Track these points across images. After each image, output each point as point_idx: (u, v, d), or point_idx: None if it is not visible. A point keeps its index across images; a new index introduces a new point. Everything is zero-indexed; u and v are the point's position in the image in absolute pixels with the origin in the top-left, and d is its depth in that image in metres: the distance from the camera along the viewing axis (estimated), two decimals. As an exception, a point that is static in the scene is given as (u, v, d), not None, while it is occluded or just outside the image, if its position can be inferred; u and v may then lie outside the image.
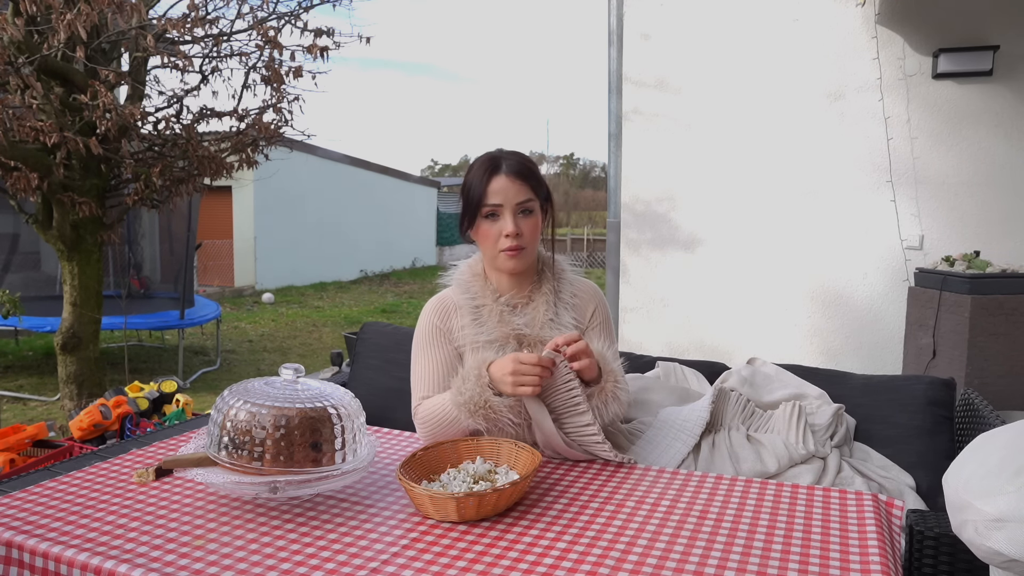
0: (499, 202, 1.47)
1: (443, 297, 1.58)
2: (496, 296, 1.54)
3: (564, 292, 1.58)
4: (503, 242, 1.47)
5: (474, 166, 1.51)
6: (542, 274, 1.59)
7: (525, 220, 1.49)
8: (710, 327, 4.03)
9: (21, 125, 3.69)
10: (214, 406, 1.24)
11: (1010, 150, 3.50)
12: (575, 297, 1.59)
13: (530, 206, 1.49)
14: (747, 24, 3.84)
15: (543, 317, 1.53)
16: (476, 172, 1.50)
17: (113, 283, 6.76)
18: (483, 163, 1.50)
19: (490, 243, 1.50)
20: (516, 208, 1.47)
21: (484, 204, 1.47)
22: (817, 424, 1.76)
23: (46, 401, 5.08)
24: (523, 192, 1.48)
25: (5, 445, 2.59)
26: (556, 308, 1.55)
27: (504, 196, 1.47)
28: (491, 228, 1.49)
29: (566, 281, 1.60)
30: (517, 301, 1.56)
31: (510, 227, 1.46)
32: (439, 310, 1.56)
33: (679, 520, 1.18)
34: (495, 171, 1.48)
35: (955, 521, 1.04)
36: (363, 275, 15.66)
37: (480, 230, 1.51)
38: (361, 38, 4.46)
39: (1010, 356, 2.94)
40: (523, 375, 1.32)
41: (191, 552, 1.07)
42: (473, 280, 1.57)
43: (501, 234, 1.47)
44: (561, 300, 1.56)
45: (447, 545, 1.10)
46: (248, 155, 4.66)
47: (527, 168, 1.50)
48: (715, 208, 3.97)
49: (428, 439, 1.48)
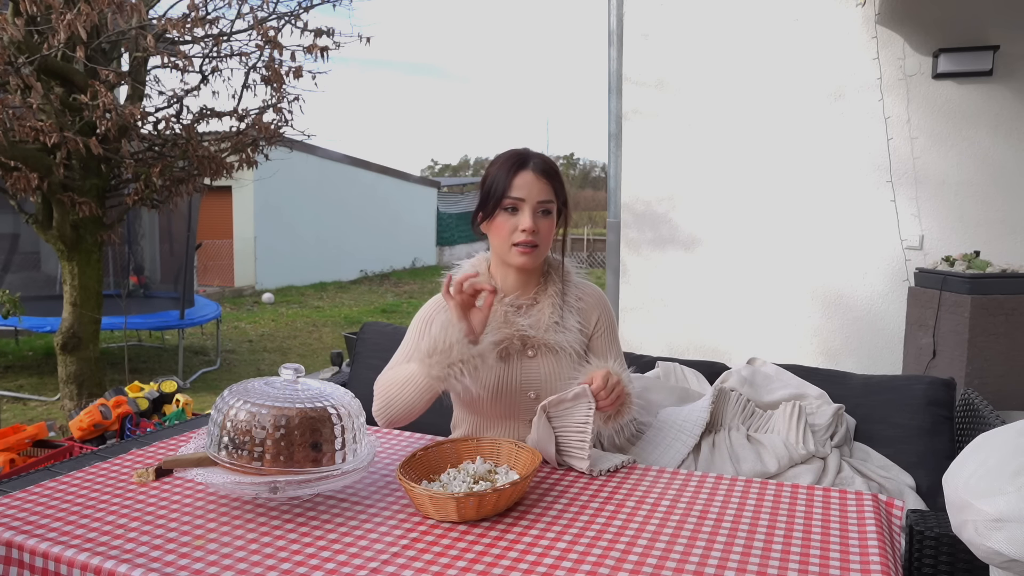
0: (522, 196, 1.46)
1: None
2: (501, 296, 1.53)
3: (570, 296, 1.57)
4: (518, 236, 1.47)
5: (499, 160, 1.51)
6: (548, 276, 1.58)
7: (543, 220, 1.49)
8: (710, 327, 4.03)
9: (21, 125, 3.69)
10: (214, 406, 1.24)
11: (1010, 150, 3.50)
12: (580, 301, 1.59)
13: (550, 207, 1.50)
14: (747, 24, 3.84)
15: (548, 320, 1.52)
16: (502, 165, 1.49)
17: (113, 283, 6.76)
18: (510, 157, 1.50)
19: (504, 236, 1.49)
20: (537, 206, 1.47)
21: (507, 196, 1.46)
22: (817, 424, 1.76)
23: (46, 401, 5.08)
24: (546, 191, 1.48)
25: (5, 445, 2.59)
26: (562, 311, 1.54)
27: (528, 191, 1.47)
28: (507, 221, 1.48)
29: (572, 285, 1.59)
30: (522, 302, 1.55)
31: (528, 222, 1.46)
32: (441, 306, 1.55)
33: (679, 520, 1.18)
34: (522, 166, 1.48)
35: (955, 521, 1.04)
36: (363, 275, 15.66)
37: (495, 222, 1.50)
38: (361, 38, 4.46)
39: (1010, 356, 2.94)
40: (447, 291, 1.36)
41: (191, 552, 1.07)
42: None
43: (517, 228, 1.47)
44: (567, 304, 1.56)
45: (447, 545, 1.10)
46: (248, 155, 4.66)
47: (553, 169, 1.51)
48: (715, 208, 3.97)
49: (381, 404, 1.46)
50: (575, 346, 1.53)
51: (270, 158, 5.10)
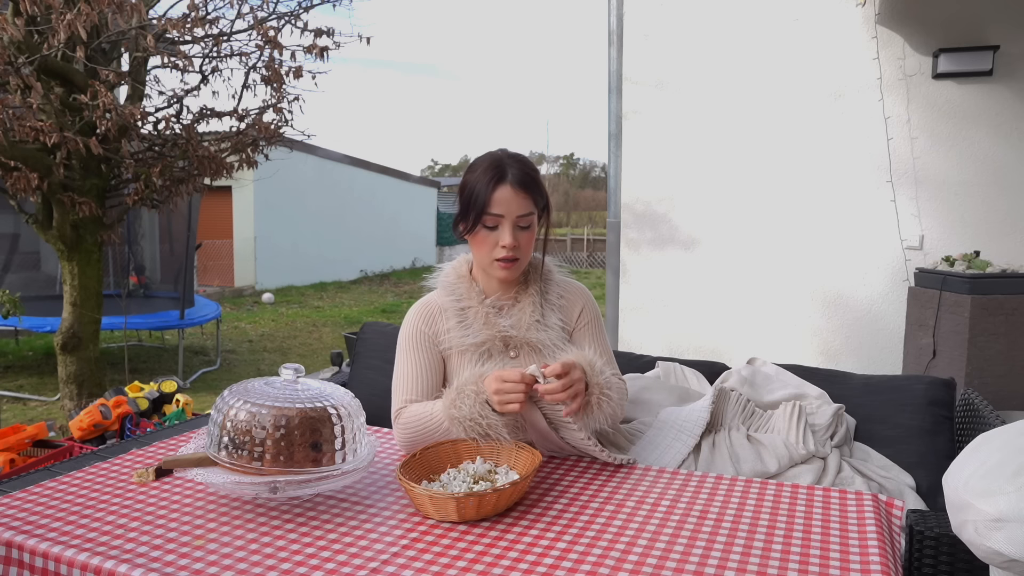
0: (501, 213, 1.45)
1: (428, 301, 1.57)
2: (482, 298, 1.53)
3: (551, 293, 1.57)
4: (498, 251, 1.46)
5: (477, 168, 1.48)
6: (528, 276, 1.58)
7: (523, 233, 1.48)
8: (710, 327, 4.03)
9: (21, 125, 3.69)
10: (214, 406, 1.24)
11: (1010, 150, 3.50)
12: (562, 298, 1.58)
13: (529, 220, 1.48)
14: (747, 24, 3.84)
15: (529, 318, 1.52)
16: (480, 176, 1.47)
17: (113, 283, 6.76)
18: (487, 168, 1.47)
19: (486, 251, 1.48)
20: (516, 221, 1.46)
21: (486, 213, 1.45)
22: (817, 424, 1.76)
23: (46, 401, 5.08)
24: (525, 205, 1.46)
25: (5, 445, 2.59)
26: (543, 309, 1.54)
27: (507, 208, 1.45)
28: (488, 237, 1.47)
29: (553, 283, 1.59)
30: (503, 303, 1.55)
31: (508, 239, 1.45)
32: (424, 314, 1.55)
33: (679, 520, 1.18)
34: (500, 180, 1.45)
35: (955, 521, 1.04)
36: (363, 275, 15.66)
37: (478, 236, 1.49)
38: (361, 38, 4.46)
39: (1010, 356, 2.94)
40: (507, 393, 1.30)
41: (191, 552, 1.07)
42: (458, 282, 1.56)
43: (498, 244, 1.46)
44: (548, 301, 1.55)
45: (447, 545, 1.10)
46: (248, 155, 4.66)
47: (531, 178, 1.48)
48: (715, 208, 3.97)
49: (406, 444, 1.46)
50: (557, 343, 1.52)
51: (270, 158, 5.10)
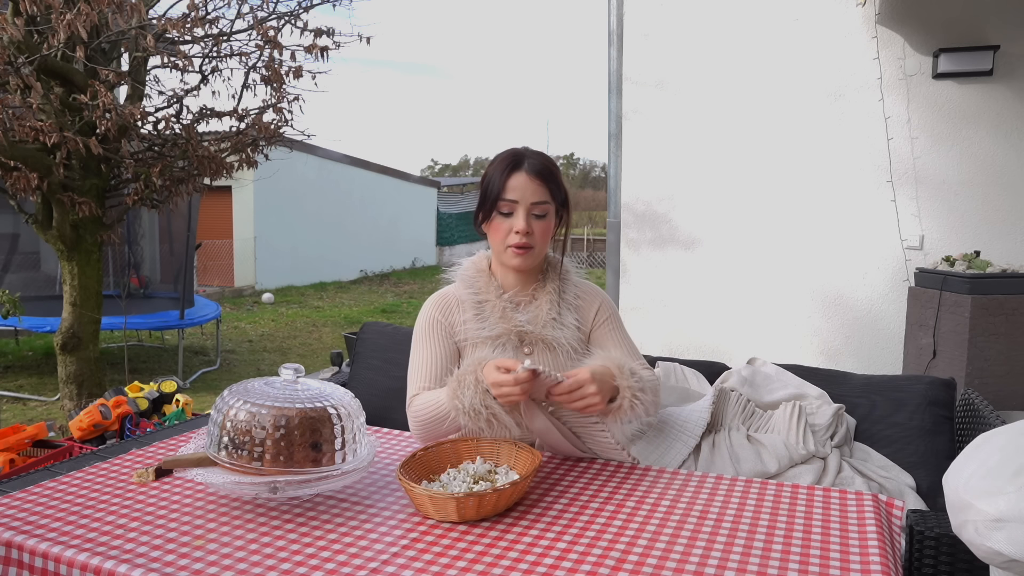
0: (515, 198, 1.48)
1: (445, 293, 1.59)
2: (500, 292, 1.55)
3: (568, 293, 1.58)
4: (512, 238, 1.48)
5: (496, 160, 1.52)
6: (546, 274, 1.60)
7: (537, 221, 1.50)
8: (710, 327, 4.02)
9: (21, 125, 3.69)
10: (214, 406, 1.24)
11: (1010, 150, 3.50)
12: (578, 299, 1.59)
13: (545, 208, 1.50)
14: (747, 24, 3.84)
15: (546, 316, 1.53)
16: (497, 166, 1.50)
17: (113, 283, 6.76)
18: (505, 158, 1.51)
19: (500, 238, 1.51)
20: (530, 208, 1.48)
21: (501, 199, 1.48)
22: (817, 424, 1.76)
23: (46, 401, 5.08)
24: (540, 193, 1.49)
25: (5, 445, 2.59)
26: (559, 308, 1.55)
27: (521, 193, 1.48)
28: (503, 223, 1.50)
29: (570, 283, 1.60)
30: (520, 299, 1.56)
31: (521, 224, 1.47)
32: (440, 304, 1.57)
33: (679, 520, 1.18)
34: (516, 167, 1.49)
35: (955, 521, 1.04)
36: (363, 275, 15.65)
37: (493, 224, 1.51)
38: (361, 38, 4.46)
39: (1010, 356, 2.94)
40: (502, 386, 1.28)
41: (191, 552, 1.07)
42: (477, 276, 1.58)
43: (512, 230, 1.48)
44: (564, 301, 1.57)
45: (447, 545, 1.10)
46: (248, 155, 4.66)
47: (548, 170, 1.51)
48: (715, 208, 3.97)
49: (420, 434, 1.47)
50: (572, 342, 1.54)
51: (270, 158, 5.10)
